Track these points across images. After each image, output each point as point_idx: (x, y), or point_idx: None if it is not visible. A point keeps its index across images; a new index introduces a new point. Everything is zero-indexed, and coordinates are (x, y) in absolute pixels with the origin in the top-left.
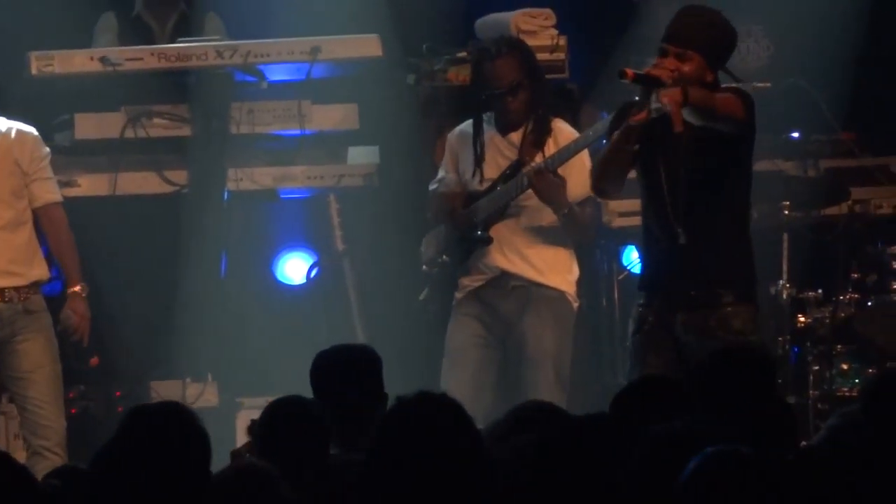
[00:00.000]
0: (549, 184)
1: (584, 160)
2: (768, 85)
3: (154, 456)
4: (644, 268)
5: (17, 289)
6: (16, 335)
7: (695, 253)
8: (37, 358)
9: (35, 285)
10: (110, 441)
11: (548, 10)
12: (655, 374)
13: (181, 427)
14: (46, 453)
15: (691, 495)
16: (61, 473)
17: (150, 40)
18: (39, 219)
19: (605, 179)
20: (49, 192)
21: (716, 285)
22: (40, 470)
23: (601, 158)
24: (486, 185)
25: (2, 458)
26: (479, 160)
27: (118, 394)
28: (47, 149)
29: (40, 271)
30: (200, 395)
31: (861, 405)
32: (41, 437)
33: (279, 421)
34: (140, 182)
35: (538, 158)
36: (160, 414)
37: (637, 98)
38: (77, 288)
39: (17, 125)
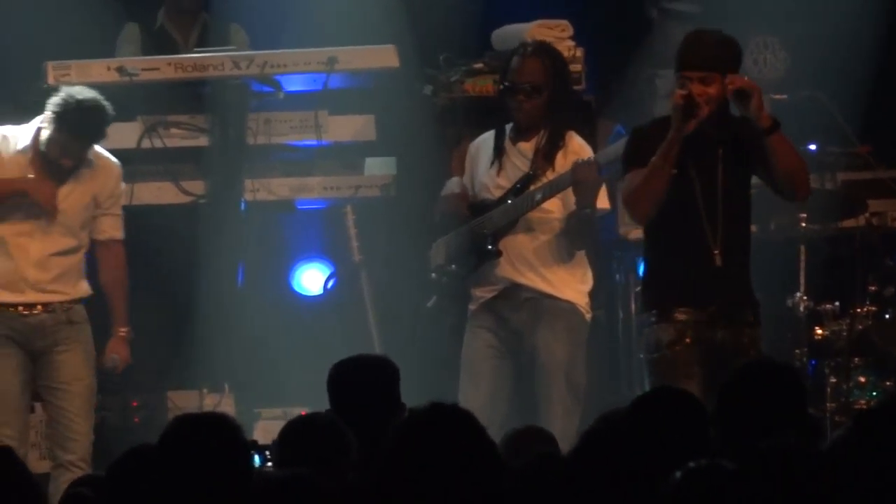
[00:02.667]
0: (592, 179)
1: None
2: (785, 97)
3: (197, 465)
4: (670, 285)
5: (60, 302)
6: (57, 345)
7: (729, 271)
8: (75, 370)
9: (78, 300)
10: (151, 447)
11: (564, 22)
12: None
13: (225, 438)
14: (71, 467)
15: None
16: (89, 482)
17: (173, 51)
18: (98, 251)
19: (650, 205)
20: (116, 228)
21: (747, 303)
22: (63, 482)
23: (640, 187)
24: (498, 192)
25: (4, 454)
26: (499, 154)
27: (135, 403)
28: (123, 184)
29: (84, 289)
30: (217, 406)
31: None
32: (68, 451)
33: (301, 438)
34: (157, 192)
35: (549, 172)
36: (205, 424)
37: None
38: (123, 331)
39: (104, 157)
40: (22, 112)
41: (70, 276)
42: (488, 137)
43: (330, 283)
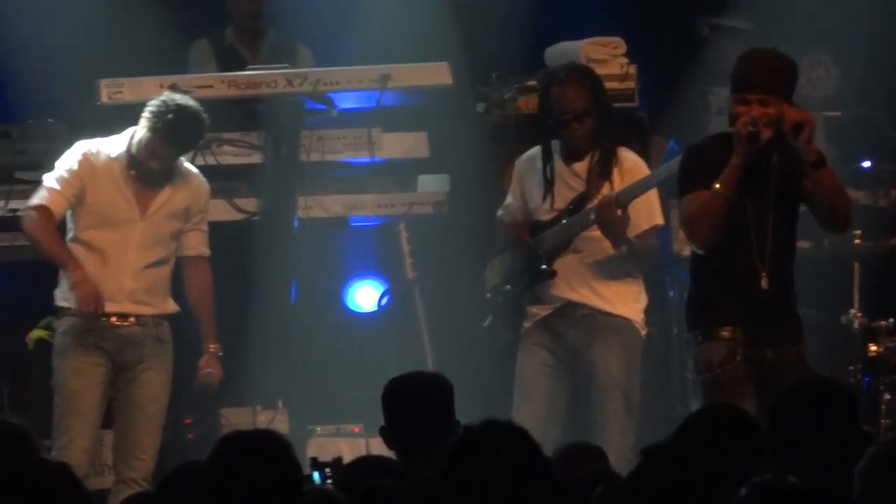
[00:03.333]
0: (613, 219)
1: (650, 192)
2: (838, 114)
3: (246, 482)
4: (714, 306)
5: (152, 316)
6: (142, 361)
7: (775, 294)
8: (155, 390)
9: (167, 315)
10: (201, 465)
11: (618, 39)
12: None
13: (274, 455)
14: (133, 484)
15: None
16: (142, 499)
17: (243, 69)
18: (184, 268)
19: (711, 232)
20: (203, 244)
21: (794, 321)
22: (122, 498)
23: (701, 213)
24: (551, 214)
25: (60, 471)
26: (549, 185)
27: (188, 420)
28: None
29: (172, 306)
30: (271, 423)
31: None
32: (132, 469)
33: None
34: (211, 210)
35: (605, 189)
36: (254, 441)
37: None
38: (214, 347)
39: (194, 172)
40: (76, 131)
41: (160, 290)
42: (535, 156)
43: (384, 300)
